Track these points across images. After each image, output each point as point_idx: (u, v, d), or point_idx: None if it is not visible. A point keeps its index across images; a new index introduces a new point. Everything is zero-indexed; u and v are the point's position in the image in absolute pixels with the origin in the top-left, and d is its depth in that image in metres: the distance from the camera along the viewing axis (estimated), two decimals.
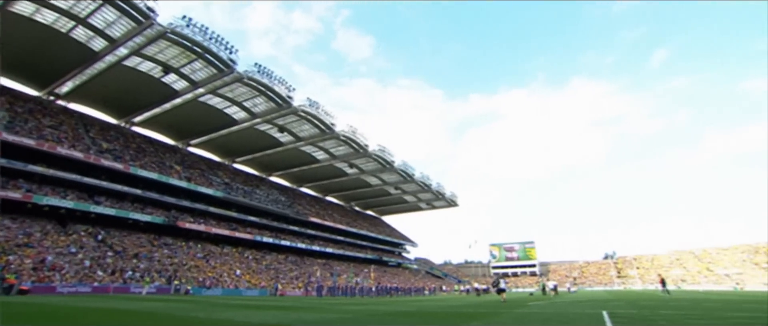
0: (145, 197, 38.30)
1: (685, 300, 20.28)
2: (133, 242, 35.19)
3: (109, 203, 34.79)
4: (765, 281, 59.59)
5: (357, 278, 54.60)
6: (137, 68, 34.95)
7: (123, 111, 42.93)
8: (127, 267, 30.54)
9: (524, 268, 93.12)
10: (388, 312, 12.94)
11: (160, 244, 37.53)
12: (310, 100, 45.01)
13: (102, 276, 28.11)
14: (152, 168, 39.55)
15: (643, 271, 77.67)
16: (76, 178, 32.77)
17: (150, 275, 30.98)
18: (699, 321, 8.88)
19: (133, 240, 35.44)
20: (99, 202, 34.20)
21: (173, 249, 38.04)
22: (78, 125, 38.13)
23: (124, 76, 35.61)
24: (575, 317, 10.62)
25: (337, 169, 61.96)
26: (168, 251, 37.12)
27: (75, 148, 33.46)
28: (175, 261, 35.77)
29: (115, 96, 39.34)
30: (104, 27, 30.47)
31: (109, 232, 34.23)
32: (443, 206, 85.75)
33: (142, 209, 37.92)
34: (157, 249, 36.14)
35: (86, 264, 28.21)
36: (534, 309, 14.66)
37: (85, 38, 31.22)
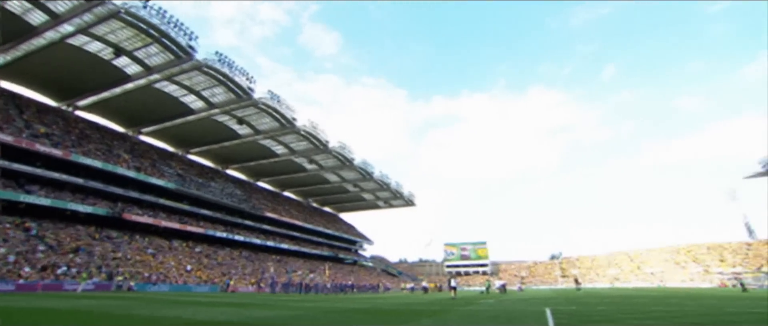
0: (87, 186, 35.57)
1: (618, 296, 22.16)
2: (70, 235, 32.60)
3: (43, 193, 31.96)
4: (683, 278, 67.03)
5: (312, 275, 54.23)
6: (84, 48, 32.35)
7: (65, 93, 39.53)
8: (62, 263, 28.27)
9: (476, 267, 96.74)
10: (341, 309, 13.00)
11: (103, 237, 35.09)
12: (271, 93, 43.98)
13: (29, 272, 25.82)
14: (97, 156, 36.84)
15: (585, 271, 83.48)
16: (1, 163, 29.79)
17: (88, 270, 28.85)
18: (628, 315, 9.89)
19: (70, 233, 32.83)
20: (31, 191, 31.33)
21: (117, 242, 35.73)
22: (9, 106, 34.66)
23: (68, 56, 32.81)
24: (521, 314, 11.18)
25: (296, 164, 60.98)
26: (111, 245, 34.79)
27: (3, 131, 30.41)
28: (119, 255, 33.61)
29: (57, 76, 36.17)
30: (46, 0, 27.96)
31: (41, 224, 31.49)
32: (401, 205, 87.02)
33: (84, 199, 35.23)
34: (98, 243, 33.75)
35: (10, 260, 25.75)
36: (483, 306, 15.15)
37: (21, 10, 28.41)
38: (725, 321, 8.13)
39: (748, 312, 10.42)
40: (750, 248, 71.41)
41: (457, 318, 9.73)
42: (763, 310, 11.11)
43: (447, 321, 9.18)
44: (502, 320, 9.21)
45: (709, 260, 71.23)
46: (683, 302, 15.76)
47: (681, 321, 8.34)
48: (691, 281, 65.77)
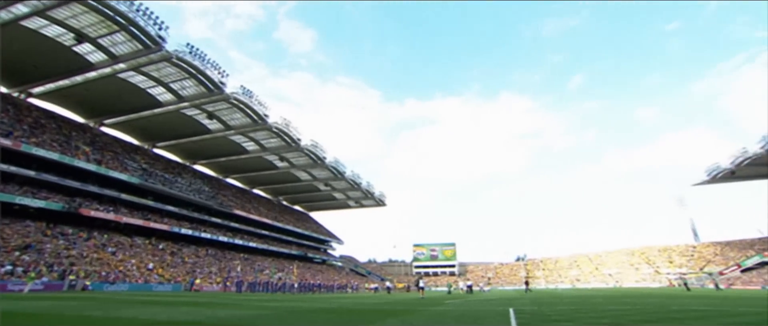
0: (40, 179, 33.49)
1: (577, 297, 23.23)
2: (17, 231, 30.57)
3: None
4: (637, 278, 71.31)
5: (280, 274, 53.47)
6: (41, 32, 30.54)
7: (17, 79, 37.07)
8: (6, 261, 26.47)
9: (445, 268, 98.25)
10: (308, 309, 12.93)
11: (55, 234, 33.16)
12: (244, 88, 43.13)
13: None
14: (53, 147, 34.78)
15: (548, 272, 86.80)
16: None
17: (37, 269, 27.14)
18: (586, 314, 10.51)
19: (18, 229, 30.79)
20: None
21: (72, 239, 33.86)
22: None
23: (22, 39, 30.83)
24: (485, 314, 11.39)
25: (266, 161, 59.94)
26: (64, 241, 32.93)
27: None
28: (73, 253, 31.86)
29: (8, 60, 33.83)
30: None
31: None
32: (372, 205, 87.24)
33: (36, 193, 33.13)
34: (50, 240, 31.84)
35: None
36: (450, 307, 15.30)
37: None
38: (671, 319, 8.86)
39: (690, 310, 11.36)
40: (695, 250, 76.75)
41: (424, 318, 9.81)
42: (705, 308, 12.12)
43: (413, 321, 9.22)
44: (467, 320, 9.34)
45: (659, 261, 75.97)
46: (635, 301, 16.81)
47: (631, 319, 9.00)
48: (643, 281, 69.92)
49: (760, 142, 55.26)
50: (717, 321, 8.34)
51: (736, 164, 60.85)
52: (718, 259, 70.39)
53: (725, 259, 69.16)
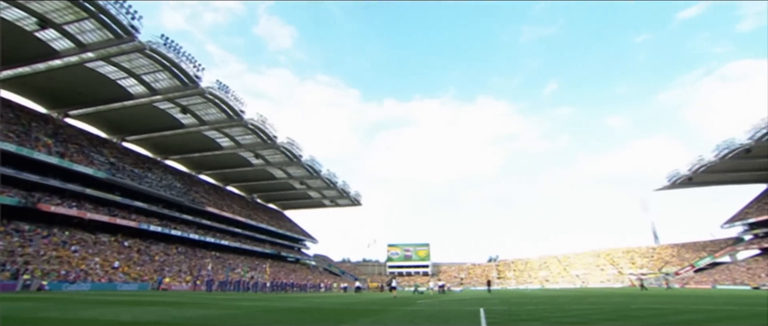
0: None
1: (545, 297, 24.05)
2: None
3: None
4: (602, 279, 74.61)
5: (252, 272, 52.58)
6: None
7: None
8: None
9: (418, 268, 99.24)
10: (279, 308, 12.83)
11: (9, 230, 31.32)
12: (220, 83, 42.25)
13: None
14: (9, 138, 32.90)
15: (518, 273, 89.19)
16: None
17: None
18: (553, 313, 10.91)
19: None
20: None
21: (28, 236, 32.11)
22: None
23: None
24: (456, 314, 11.58)
25: (241, 158, 58.82)
26: (19, 238, 31.14)
27: None
28: (28, 250, 30.19)
29: None
30: None
31: None
32: (347, 205, 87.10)
33: None
34: (2, 237, 30.06)
35: None
36: (422, 306, 15.42)
37: None
38: (630, 317, 9.45)
39: (648, 308, 12.10)
40: (654, 251, 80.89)
41: (395, 318, 9.90)
42: (661, 306, 12.92)
43: (385, 320, 9.29)
44: (438, 320, 9.44)
45: (623, 262, 79.58)
46: (599, 301, 17.66)
47: (594, 317, 9.54)
48: (608, 281, 73.06)
49: (714, 151, 58.91)
50: (671, 319, 8.97)
51: (694, 171, 64.63)
52: (674, 260, 74.47)
53: (681, 260, 73.26)
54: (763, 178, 69.64)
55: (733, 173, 65.83)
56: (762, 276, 52.94)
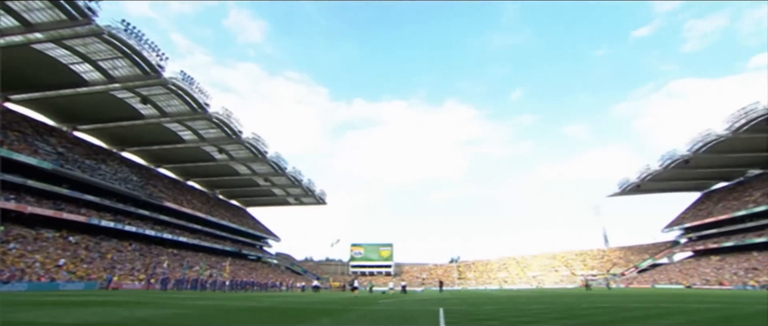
0: None
1: (503, 297, 25.03)
2: None
3: None
4: (556, 280, 78.51)
5: (211, 271, 51.01)
6: None
7: None
8: None
9: (381, 268, 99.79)
10: (237, 308, 12.61)
11: None
12: (184, 74, 40.66)
13: None
14: None
15: (479, 274, 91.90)
16: None
17: None
18: (510, 313, 11.40)
19: None
20: None
21: None
22: None
23: None
24: (416, 314, 11.76)
25: (204, 152, 56.84)
26: None
27: None
28: None
29: None
30: None
31: None
32: (312, 203, 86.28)
33: None
34: None
35: None
36: (383, 306, 15.56)
37: None
38: (579, 315, 10.24)
39: (596, 307, 13.08)
40: (604, 254, 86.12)
41: (356, 318, 9.97)
42: (607, 305, 13.99)
43: (345, 320, 9.32)
44: (397, 320, 9.55)
45: (575, 264, 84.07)
46: (552, 301, 18.75)
47: (547, 316, 10.25)
48: (561, 282, 76.95)
49: (659, 161, 63.67)
50: (614, 316, 9.82)
51: (641, 178, 69.57)
52: (621, 262, 79.68)
53: (627, 262, 78.52)
54: (699, 186, 76.08)
55: (674, 181, 71.45)
56: (694, 276, 57.80)
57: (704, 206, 71.61)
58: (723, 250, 61.34)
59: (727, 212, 61.74)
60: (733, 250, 59.35)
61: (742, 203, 59.91)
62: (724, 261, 58.55)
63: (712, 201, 70.19)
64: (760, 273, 48.35)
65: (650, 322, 8.19)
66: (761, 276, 47.27)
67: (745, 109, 46.88)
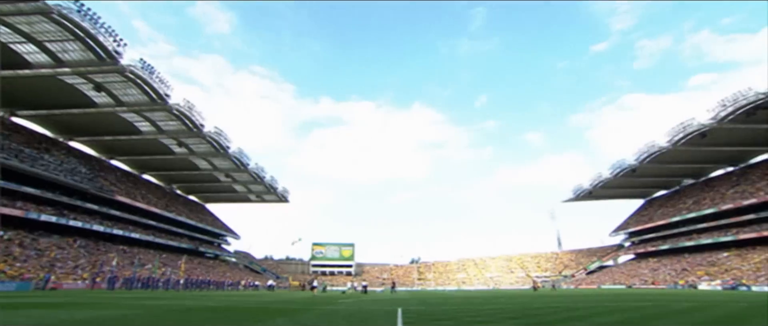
0: None
1: (461, 298, 25.78)
2: None
3: None
4: (512, 281, 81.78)
5: (165, 269, 48.85)
6: None
7: None
8: None
9: (342, 268, 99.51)
10: (189, 308, 12.27)
11: None
12: (144, 62, 38.72)
13: None
14: None
15: (438, 275, 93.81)
16: None
17: None
18: (466, 313, 11.76)
19: None
20: None
21: None
22: None
23: None
24: (374, 314, 11.80)
25: (162, 145, 54.29)
26: None
27: None
28: None
29: None
30: None
31: None
32: (274, 201, 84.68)
33: None
34: None
35: None
36: (342, 306, 15.57)
37: None
38: (531, 315, 10.92)
39: (547, 307, 13.94)
40: (557, 257, 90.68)
41: (314, 317, 9.93)
42: (557, 305, 14.92)
43: (303, 320, 9.25)
44: (356, 319, 9.57)
45: (530, 266, 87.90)
46: (507, 301, 19.67)
47: (502, 316, 10.84)
48: (517, 283, 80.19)
49: (609, 169, 67.96)
50: (562, 316, 10.56)
51: (593, 185, 73.97)
52: (573, 264, 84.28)
53: (578, 264, 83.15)
54: (643, 194, 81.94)
55: (623, 188, 76.56)
56: (634, 277, 62.32)
57: (646, 212, 77.23)
58: (660, 253, 66.54)
59: (664, 218, 66.96)
60: (668, 253, 64.52)
61: (677, 210, 65.24)
62: (660, 262, 63.47)
63: (654, 208, 75.84)
64: (690, 274, 52.89)
65: (592, 320, 8.92)
66: (690, 276, 51.71)
67: (683, 124, 51.12)
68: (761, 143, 54.01)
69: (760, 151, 57.65)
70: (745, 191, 54.41)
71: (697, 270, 53.12)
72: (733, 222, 53.97)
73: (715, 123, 47.28)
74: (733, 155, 59.46)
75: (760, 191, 51.20)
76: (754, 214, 51.05)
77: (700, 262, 55.20)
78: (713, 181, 65.50)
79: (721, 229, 55.73)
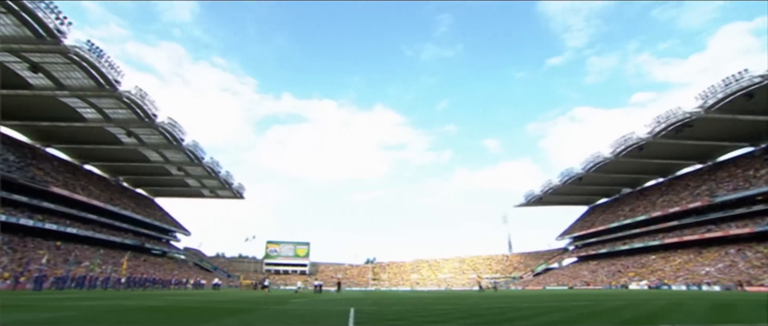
0: None
1: (413, 298, 26.30)
2: None
3: None
4: (464, 282, 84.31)
5: (105, 266, 45.76)
6: None
7: None
8: None
9: (296, 266, 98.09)
10: (133, 308, 11.73)
11: None
12: (92, 44, 36.14)
13: None
14: None
15: (392, 275, 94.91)
16: None
17: None
18: (417, 313, 12.10)
19: None
20: None
21: None
22: None
23: None
24: (326, 314, 11.75)
25: (108, 134, 50.74)
26: None
27: None
28: None
29: None
30: None
31: None
32: (228, 197, 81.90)
33: None
34: None
35: None
36: (294, 305, 15.36)
37: None
38: (478, 315, 11.53)
39: (495, 307, 14.71)
40: (508, 259, 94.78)
41: (264, 317, 9.77)
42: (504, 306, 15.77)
43: (252, 320, 9.07)
44: (308, 320, 9.50)
45: (482, 268, 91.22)
46: (458, 302, 20.40)
47: (451, 316, 11.35)
48: (468, 285, 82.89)
49: (559, 177, 72.13)
50: (508, 315, 11.26)
51: (544, 192, 78.14)
52: (521, 266, 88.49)
53: (526, 266, 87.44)
54: (588, 201, 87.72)
55: (570, 195, 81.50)
56: (576, 278, 66.68)
57: (590, 218, 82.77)
58: (599, 256, 71.66)
59: (604, 223, 72.18)
60: (607, 256, 69.64)
61: (616, 217, 70.54)
62: (599, 265, 68.36)
63: (596, 214, 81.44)
64: (623, 275, 57.47)
65: (534, 320, 9.63)
66: (623, 277, 56.18)
67: (625, 137, 55.49)
68: (686, 157, 60.12)
69: (684, 164, 63.98)
70: (671, 200, 59.93)
71: (630, 271, 57.77)
72: (661, 228, 59.42)
73: (651, 137, 51.70)
74: (664, 167, 65.31)
75: (683, 201, 56.68)
76: (677, 221, 56.42)
77: (632, 264, 60.05)
78: (647, 190, 71.45)
79: (651, 234, 61.06)
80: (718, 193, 51.05)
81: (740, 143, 54.78)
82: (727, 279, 41.00)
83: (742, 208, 47.47)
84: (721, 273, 43.62)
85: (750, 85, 38.92)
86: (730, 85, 40.44)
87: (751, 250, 45.00)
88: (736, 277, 40.29)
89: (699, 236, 52.04)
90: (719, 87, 41.64)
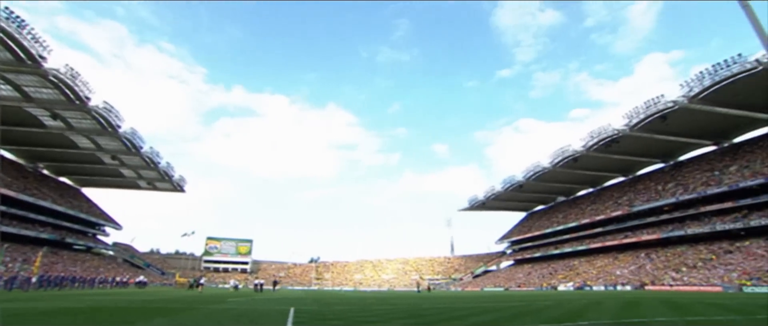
0: None
1: (355, 298, 26.55)
2: None
3: None
4: (406, 283, 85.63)
5: (12, 264, 41.01)
6: None
7: None
8: None
9: (237, 264, 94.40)
10: (47, 310, 10.92)
11: None
12: (10, 12, 32.46)
13: None
14: None
15: (336, 275, 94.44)
16: None
17: None
18: (358, 313, 12.41)
19: None
20: None
21: None
22: None
23: None
24: (265, 314, 11.63)
25: (28, 115, 45.64)
26: None
27: None
28: None
29: None
30: None
31: None
32: (168, 190, 77.07)
33: None
34: None
35: None
36: (231, 305, 15.07)
37: None
38: (419, 315, 12.04)
39: (434, 308, 15.38)
40: (449, 261, 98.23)
41: (199, 318, 9.54)
42: (444, 306, 16.53)
43: (185, 321, 8.85)
44: (245, 320, 9.34)
45: (425, 269, 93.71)
46: (399, 302, 20.98)
47: (392, 316, 11.75)
48: (411, 285, 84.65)
49: (501, 184, 76.12)
50: (448, 314, 11.91)
51: (487, 197, 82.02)
52: (462, 268, 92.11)
53: (466, 268, 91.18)
54: (526, 207, 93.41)
55: (511, 201, 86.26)
56: (511, 280, 70.80)
57: (527, 224, 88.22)
58: (534, 259, 76.63)
59: (540, 229, 77.36)
60: (540, 259, 74.68)
61: (551, 223, 75.91)
62: (533, 268, 73.09)
63: (533, 220, 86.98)
64: (553, 277, 62.05)
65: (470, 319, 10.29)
66: (553, 279, 60.67)
67: (562, 149, 60.04)
68: (612, 169, 66.37)
69: (611, 176, 70.55)
70: (598, 209, 65.81)
71: (559, 274, 62.48)
72: (588, 234, 65.06)
73: (585, 151, 56.40)
74: (594, 179, 71.47)
75: (607, 210, 62.54)
76: (601, 228, 62.17)
77: (562, 267, 64.99)
78: (579, 199, 77.65)
79: (579, 240, 66.60)
80: (636, 203, 56.98)
81: (654, 160, 61.72)
82: (637, 279, 46.17)
83: (653, 217, 53.61)
84: (632, 274, 48.80)
85: (665, 108, 43.83)
86: (650, 107, 45.27)
87: (656, 254, 50.89)
88: (643, 278, 45.47)
89: (618, 241, 57.79)
90: (641, 108, 46.43)
